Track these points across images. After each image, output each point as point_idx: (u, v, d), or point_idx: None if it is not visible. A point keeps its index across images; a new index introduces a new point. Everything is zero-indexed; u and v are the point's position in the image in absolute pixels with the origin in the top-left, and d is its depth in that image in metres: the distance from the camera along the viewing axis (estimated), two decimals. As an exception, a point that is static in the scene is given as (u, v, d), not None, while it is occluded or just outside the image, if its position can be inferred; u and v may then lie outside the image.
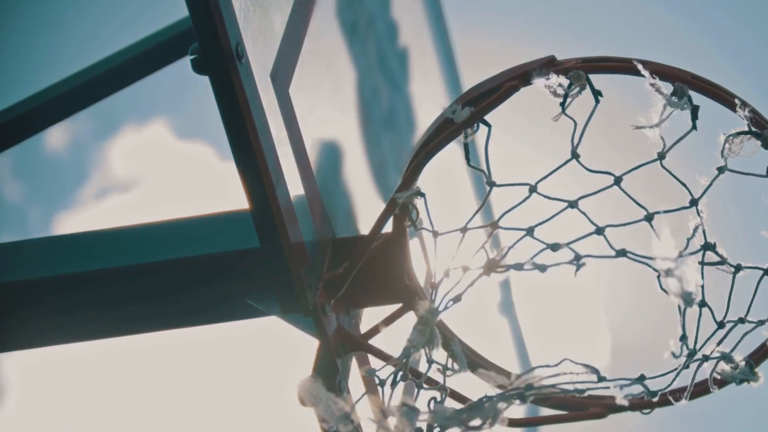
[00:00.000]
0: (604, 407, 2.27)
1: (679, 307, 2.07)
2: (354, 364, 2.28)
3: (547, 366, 2.01)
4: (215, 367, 5.33)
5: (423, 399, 2.09)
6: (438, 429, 1.95)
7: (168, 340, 2.63)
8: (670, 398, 2.23)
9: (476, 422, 1.86)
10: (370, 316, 2.38)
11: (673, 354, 2.12)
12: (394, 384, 2.06)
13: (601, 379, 2.08)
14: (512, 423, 2.28)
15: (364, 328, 2.35)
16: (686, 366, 2.16)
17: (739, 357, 2.17)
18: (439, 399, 2.08)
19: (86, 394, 5.49)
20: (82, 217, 5.44)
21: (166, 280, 2.38)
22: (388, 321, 2.28)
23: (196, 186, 5.61)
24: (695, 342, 2.14)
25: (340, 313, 2.26)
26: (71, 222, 5.42)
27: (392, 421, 1.88)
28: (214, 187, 5.52)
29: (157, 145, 5.57)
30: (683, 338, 2.13)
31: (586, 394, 2.14)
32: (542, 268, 2.03)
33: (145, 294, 2.42)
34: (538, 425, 3.14)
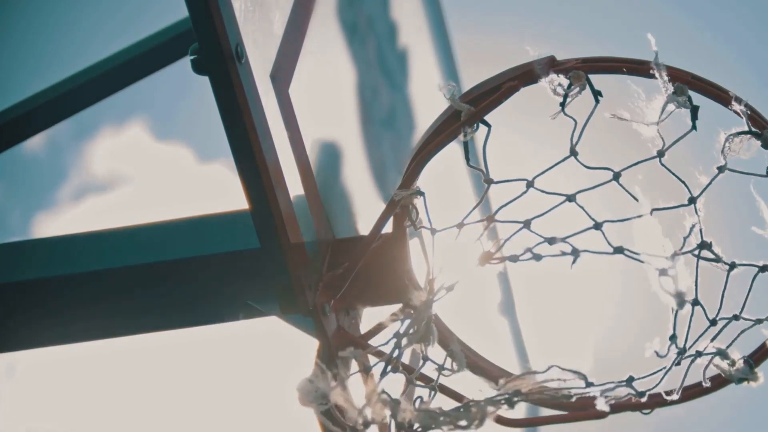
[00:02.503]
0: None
1: (672, 307, 2.08)
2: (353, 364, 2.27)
3: (536, 372, 2.01)
4: (215, 367, 5.32)
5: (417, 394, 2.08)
6: (420, 429, 1.94)
7: (168, 341, 2.62)
8: (667, 398, 2.24)
9: (462, 423, 1.86)
10: (370, 316, 2.38)
11: (657, 353, 2.13)
12: (382, 375, 2.05)
13: (588, 384, 2.09)
14: (512, 423, 2.29)
15: (364, 328, 2.35)
16: (677, 363, 2.17)
17: (737, 355, 2.18)
18: (426, 398, 2.08)
19: (86, 394, 5.49)
20: (63, 219, 5.43)
21: (166, 281, 2.38)
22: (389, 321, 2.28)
23: (175, 188, 5.60)
24: (686, 340, 2.15)
25: (340, 314, 2.26)
26: (51, 223, 5.40)
27: (371, 408, 1.87)
28: (194, 189, 5.51)
29: (136, 146, 5.56)
30: (673, 338, 2.14)
31: (574, 399, 2.15)
32: (537, 257, 2.04)
33: (146, 294, 2.42)
34: (538, 425, 3.14)
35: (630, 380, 2.18)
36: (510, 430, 2.33)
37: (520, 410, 2.65)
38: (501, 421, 2.26)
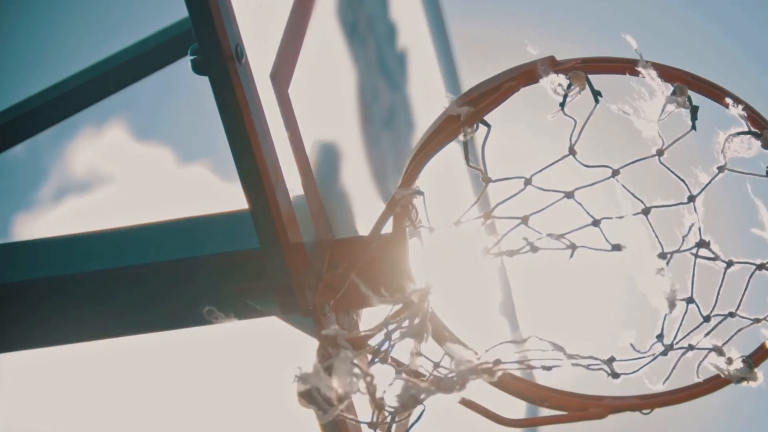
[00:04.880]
0: (603, 408, 2.28)
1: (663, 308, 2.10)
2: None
3: (515, 342, 2.03)
4: (215, 367, 5.33)
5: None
6: (400, 406, 1.93)
7: (168, 341, 2.62)
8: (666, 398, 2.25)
9: (443, 388, 1.86)
10: (370, 317, 2.38)
11: (632, 346, 2.14)
12: (371, 363, 2.05)
13: (568, 356, 2.10)
14: (512, 423, 2.29)
15: (363, 328, 2.35)
16: (664, 354, 2.17)
17: (735, 354, 2.18)
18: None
19: (86, 395, 5.49)
20: (44, 220, 5.41)
21: (167, 281, 2.38)
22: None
23: (159, 189, 5.59)
24: (674, 336, 2.15)
25: (340, 314, 2.26)
26: (32, 225, 5.38)
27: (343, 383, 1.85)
28: (174, 191, 5.50)
29: (118, 147, 5.54)
30: (660, 336, 2.16)
31: (552, 370, 2.15)
32: (534, 249, 2.06)
33: (146, 295, 2.42)
34: (538, 425, 3.14)
35: (611, 360, 2.18)
36: (510, 430, 2.33)
37: (520, 410, 2.65)
38: (501, 421, 2.27)
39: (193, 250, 2.36)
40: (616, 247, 2.07)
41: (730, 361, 2.17)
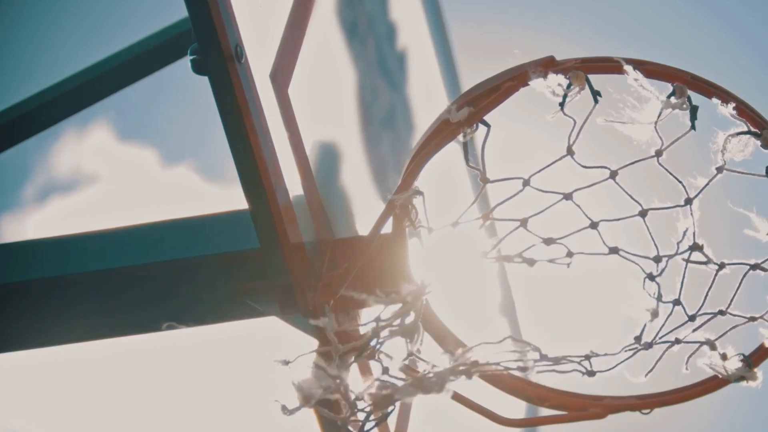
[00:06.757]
0: (603, 408, 2.28)
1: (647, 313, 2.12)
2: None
3: (491, 343, 2.03)
4: (215, 367, 5.33)
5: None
6: (374, 405, 1.92)
7: (168, 341, 2.63)
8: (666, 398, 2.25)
9: (421, 391, 1.85)
10: (371, 317, 2.38)
11: (593, 352, 2.15)
12: (357, 358, 2.05)
13: (543, 357, 2.10)
14: (512, 423, 2.29)
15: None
16: (645, 348, 2.18)
17: (732, 352, 2.19)
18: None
19: (84, 395, 5.49)
20: (30, 220, 5.41)
21: (166, 281, 2.38)
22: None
23: (141, 190, 5.57)
24: (657, 333, 2.16)
25: (340, 314, 2.26)
26: (16, 225, 5.37)
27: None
28: (160, 192, 5.48)
29: (101, 148, 5.53)
30: (637, 338, 2.17)
31: (528, 371, 2.16)
32: (531, 262, 2.06)
33: (145, 295, 2.42)
34: (538, 425, 3.14)
35: (588, 356, 2.19)
36: (510, 430, 2.33)
37: (520, 410, 2.66)
38: (500, 421, 2.27)
39: (192, 250, 2.36)
40: (614, 250, 2.08)
41: (724, 356, 2.18)
